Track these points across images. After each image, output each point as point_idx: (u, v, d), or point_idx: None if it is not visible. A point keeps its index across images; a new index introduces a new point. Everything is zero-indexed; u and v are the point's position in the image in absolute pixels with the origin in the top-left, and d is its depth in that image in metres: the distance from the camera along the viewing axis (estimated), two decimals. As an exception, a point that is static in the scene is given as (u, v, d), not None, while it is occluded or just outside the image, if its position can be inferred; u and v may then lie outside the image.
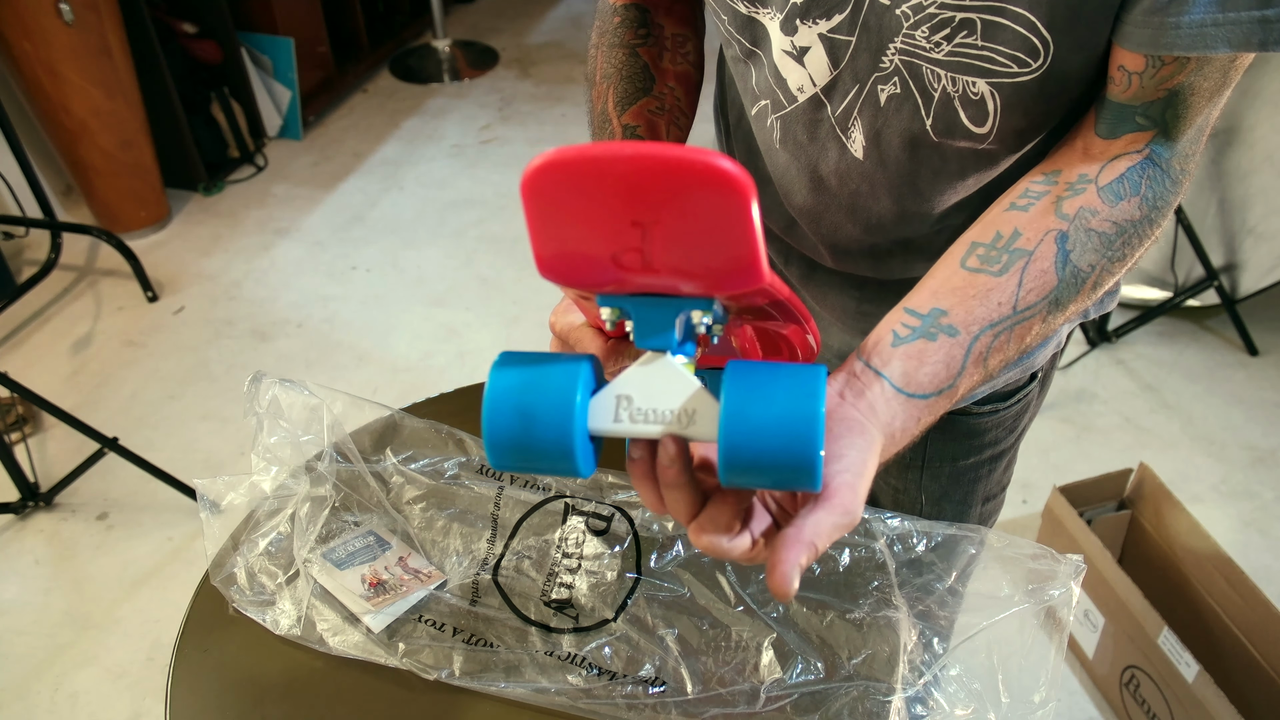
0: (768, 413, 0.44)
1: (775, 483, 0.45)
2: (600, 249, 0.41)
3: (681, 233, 0.40)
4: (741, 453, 0.44)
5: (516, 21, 3.85)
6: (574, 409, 0.44)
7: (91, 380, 2.17)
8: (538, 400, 0.45)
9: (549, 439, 0.45)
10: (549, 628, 0.74)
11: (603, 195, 0.39)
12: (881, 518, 0.75)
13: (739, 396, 0.44)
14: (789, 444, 0.43)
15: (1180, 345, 2.22)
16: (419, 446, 0.87)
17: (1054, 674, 0.64)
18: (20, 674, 1.60)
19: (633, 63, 0.75)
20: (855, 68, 0.62)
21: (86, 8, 2.24)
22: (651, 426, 0.46)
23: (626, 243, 0.41)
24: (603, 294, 0.46)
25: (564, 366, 0.46)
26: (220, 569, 0.77)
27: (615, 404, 0.46)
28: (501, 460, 0.46)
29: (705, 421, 0.46)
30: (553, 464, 0.46)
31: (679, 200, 0.38)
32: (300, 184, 2.86)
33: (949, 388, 0.55)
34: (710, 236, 0.40)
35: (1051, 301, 0.57)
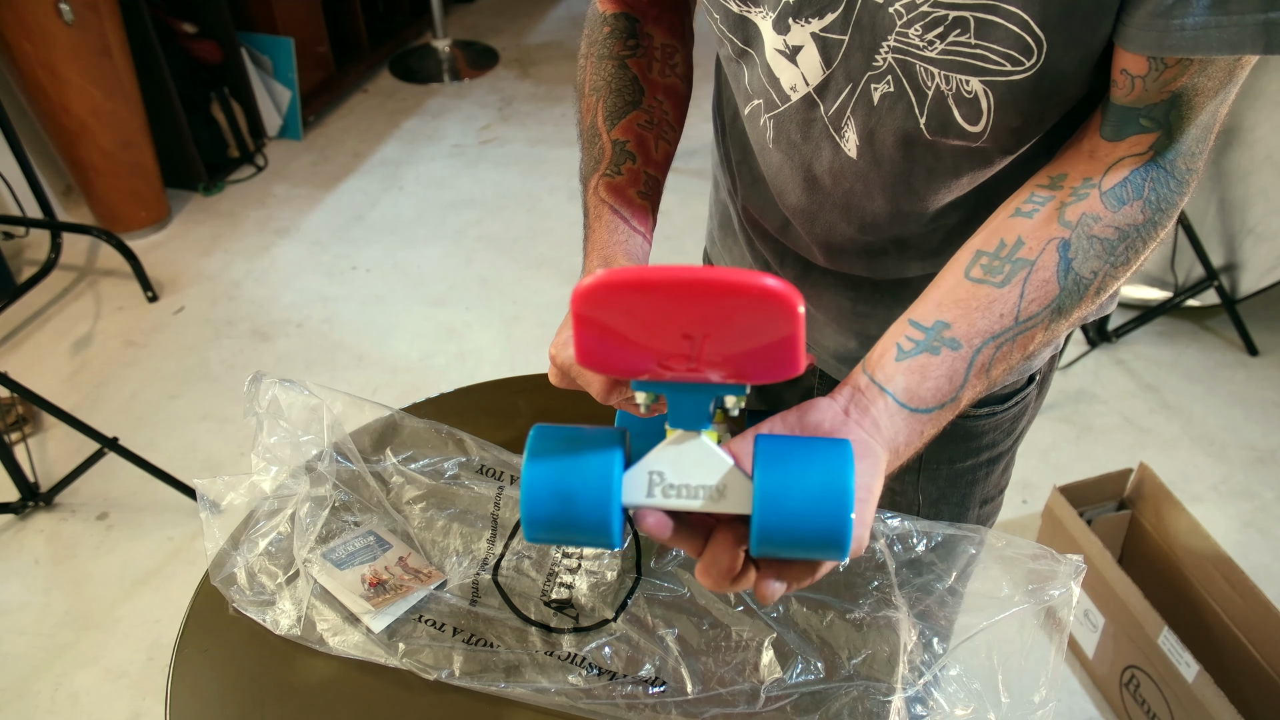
0: (800, 492, 0.46)
1: (804, 553, 0.48)
2: (647, 355, 0.44)
3: (730, 341, 0.42)
4: (775, 529, 0.46)
5: (516, 21, 3.85)
6: (612, 491, 0.47)
7: (91, 380, 2.17)
8: (576, 481, 0.47)
9: (587, 517, 0.47)
10: (549, 628, 0.74)
11: (655, 312, 0.41)
12: (881, 518, 0.74)
13: (771, 476, 0.46)
14: (821, 521, 0.46)
15: (1180, 345, 2.22)
16: (419, 446, 0.87)
17: (1054, 674, 0.64)
18: (20, 674, 1.60)
19: (622, 75, 0.75)
20: (848, 67, 0.62)
21: (86, 8, 2.24)
22: (685, 502, 0.48)
23: (675, 351, 0.43)
24: (640, 381, 0.49)
25: (599, 448, 0.48)
26: (220, 569, 0.77)
27: (648, 480, 0.48)
28: (537, 535, 0.48)
29: (737, 497, 0.48)
30: (589, 538, 0.48)
31: (731, 316, 0.41)
32: (300, 184, 2.86)
33: (952, 400, 0.56)
34: (758, 343, 0.42)
35: (1054, 310, 0.57)
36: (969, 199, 0.68)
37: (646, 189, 0.73)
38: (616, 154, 0.73)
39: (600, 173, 0.73)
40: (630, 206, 0.72)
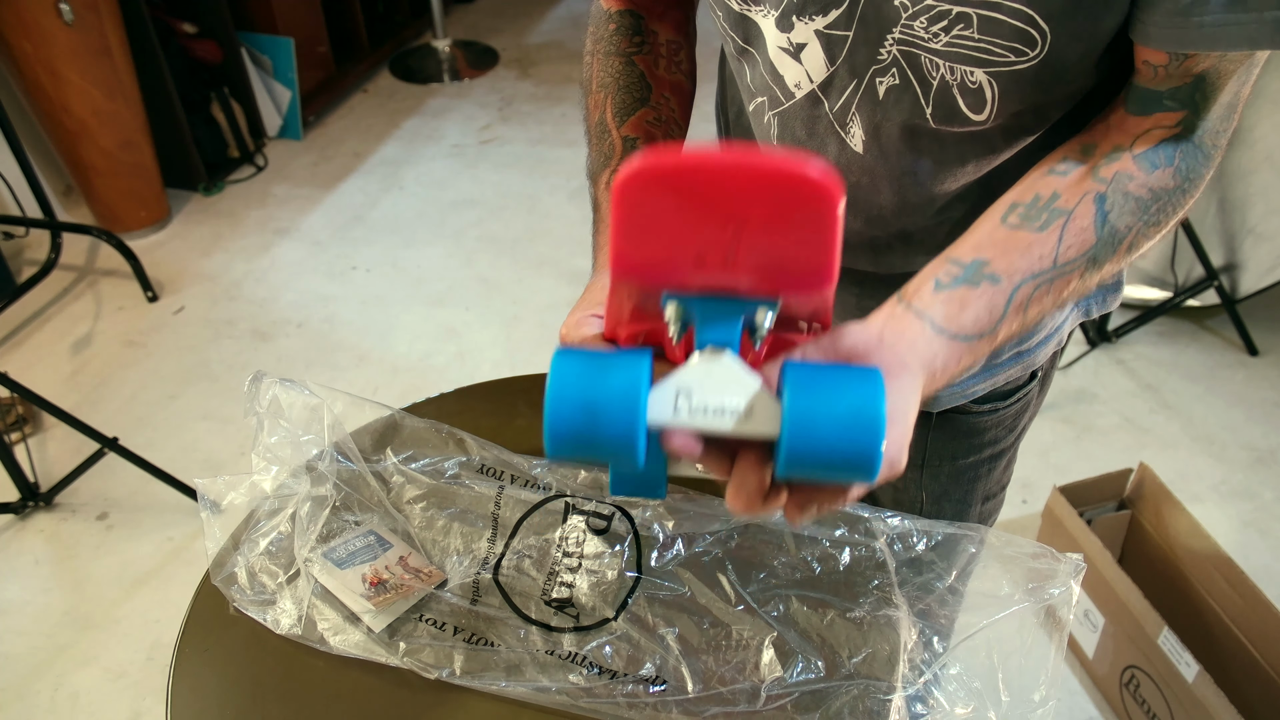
0: (830, 414, 0.44)
1: (832, 477, 0.46)
2: (685, 249, 0.43)
3: (769, 234, 0.42)
4: (803, 452, 0.45)
5: (516, 21, 3.85)
6: (638, 405, 0.45)
7: (91, 380, 2.17)
8: (601, 394, 0.45)
9: (611, 432, 0.45)
10: (549, 627, 0.74)
11: (696, 200, 0.40)
12: (881, 517, 0.75)
13: (802, 397, 0.45)
14: (851, 445, 0.44)
15: (1180, 345, 2.22)
16: (419, 446, 0.87)
17: (1054, 673, 0.64)
18: (20, 674, 1.60)
19: (629, 72, 0.76)
20: (853, 62, 0.62)
21: (86, 8, 2.24)
22: (712, 421, 0.46)
23: (713, 243, 0.42)
24: (671, 292, 0.47)
25: (627, 359, 0.46)
26: (221, 569, 0.77)
27: (675, 397, 0.46)
28: (559, 449, 0.46)
29: (765, 419, 0.46)
30: (613, 454, 0.46)
31: (772, 205, 0.40)
32: (300, 184, 2.86)
33: (990, 332, 0.56)
34: (796, 238, 0.42)
35: (1090, 259, 0.58)
36: (974, 190, 0.68)
37: None
38: (627, 150, 0.73)
39: (611, 168, 0.73)
40: None
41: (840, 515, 0.76)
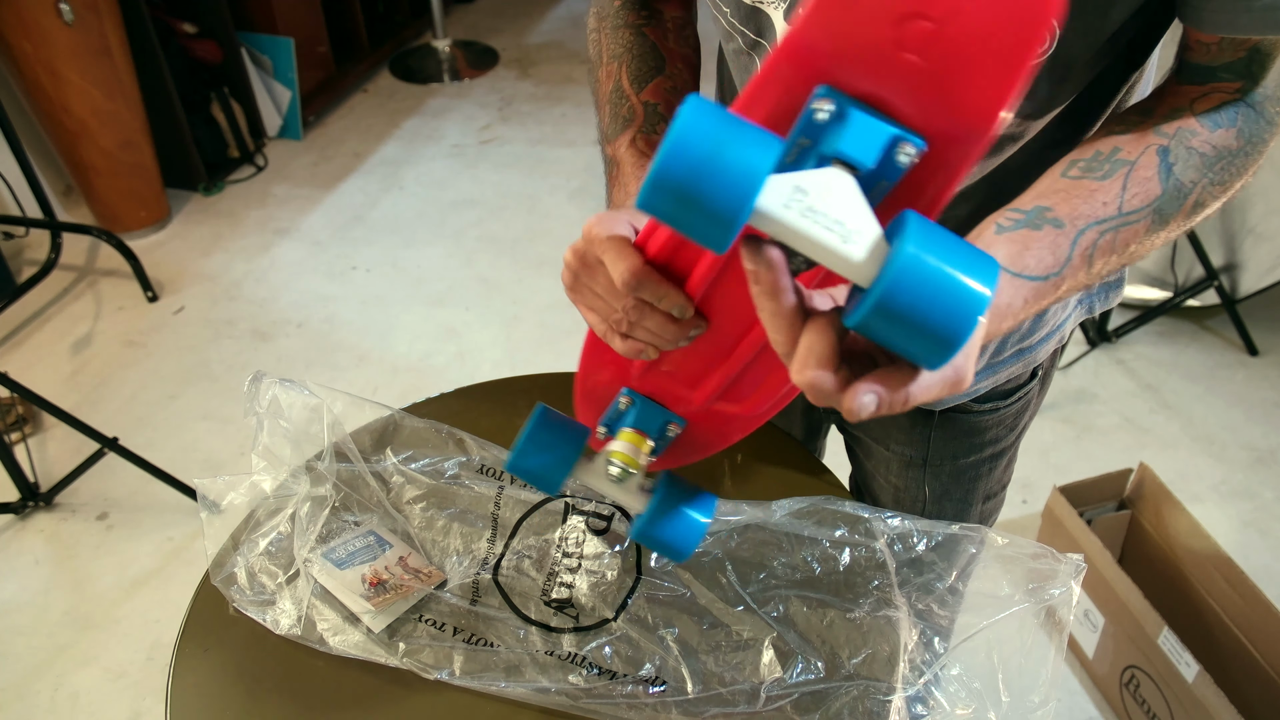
0: (939, 272, 0.41)
1: (903, 347, 0.43)
2: (886, 21, 0.41)
3: (964, 39, 0.40)
4: (898, 301, 0.41)
5: (516, 21, 3.85)
6: (762, 173, 0.41)
7: (91, 380, 2.17)
8: (729, 147, 0.41)
9: (723, 192, 0.41)
10: (549, 627, 0.74)
11: None
12: (882, 517, 0.75)
13: (919, 243, 0.41)
14: (947, 311, 0.41)
15: (1180, 345, 2.22)
16: (419, 446, 0.87)
17: (1054, 673, 0.64)
18: (20, 674, 1.60)
19: (641, 42, 0.75)
20: None
21: (86, 8, 2.24)
22: (818, 229, 0.42)
23: (911, 28, 0.41)
24: (834, 83, 0.44)
25: (762, 133, 0.42)
26: (220, 569, 0.77)
27: (791, 192, 0.43)
28: (654, 200, 0.42)
29: (867, 250, 0.42)
30: (708, 219, 0.42)
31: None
32: (300, 184, 2.86)
33: (1055, 274, 0.55)
34: (988, 57, 0.41)
35: (1155, 211, 0.57)
36: (978, 189, 0.68)
37: None
38: (649, 114, 0.73)
39: (635, 129, 0.72)
40: None
41: (840, 515, 0.76)
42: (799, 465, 0.88)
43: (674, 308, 0.58)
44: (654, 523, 0.66)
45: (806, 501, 0.77)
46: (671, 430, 0.69)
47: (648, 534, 0.66)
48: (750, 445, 0.90)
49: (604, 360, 0.68)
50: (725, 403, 0.68)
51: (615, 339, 0.61)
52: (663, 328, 0.59)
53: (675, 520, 0.67)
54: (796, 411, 0.96)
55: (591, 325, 0.62)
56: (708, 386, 0.66)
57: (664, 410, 0.69)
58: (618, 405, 0.69)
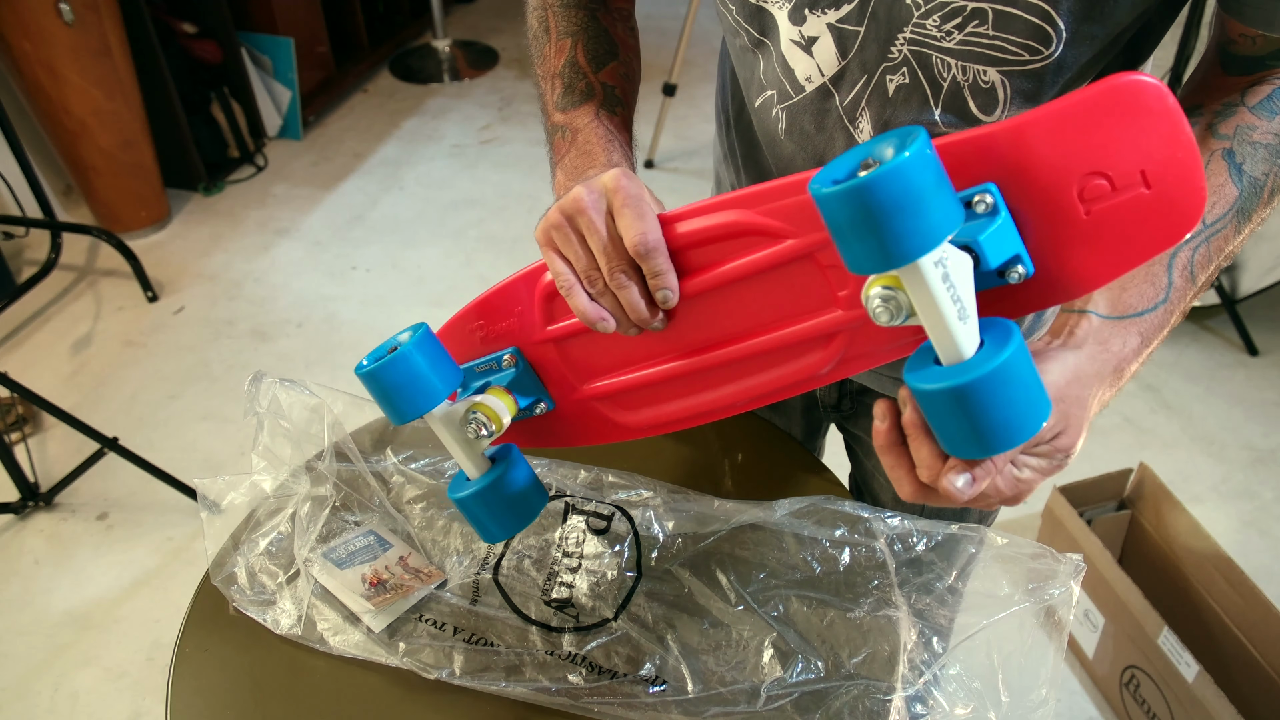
0: (1014, 395, 0.45)
1: (941, 426, 0.47)
2: (1078, 166, 0.46)
3: (1123, 214, 0.46)
4: (971, 396, 0.45)
5: (516, 21, 3.83)
6: (949, 231, 0.44)
7: (91, 380, 2.17)
8: (941, 195, 0.44)
9: (910, 233, 0.43)
10: (549, 627, 0.74)
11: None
12: (882, 517, 0.75)
13: (1016, 359, 0.45)
14: (998, 428, 0.46)
15: (1180, 345, 2.22)
16: (419, 446, 0.87)
17: (1054, 673, 0.64)
18: (20, 674, 1.60)
19: (595, 25, 0.75)
20: (863, 58, 0.62)
21: (86, 8, 2.24)
22: (944, 296, 0.45)
23: (1100, 176, 0.46)
24: (1001, 189, 0.48)
25: (955, 198, 0.46)
26: (220, 569, 0.77)
27: (941, 255, 0.45)
28: (846, 203, 0.43)
29: (969, 336, 0.46)
30: (871, 243, 0.43)
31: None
32: (300, 184, 2.86)
33: (1163, 303, 0.55)
34: (1124, 240, 0.46)
35: (1238, 211, 0.57)
36: None
37: (630, 142, 0.73)
38: (608, 97, 0.73)
39: (597, 105, 0.72)
40: (629, 149, 0.71)
41: (840, 515, 0.76)
42: (799, 465, 0.88)
43: (664, 289, 0.58)
44: (484, 496, 0.65)
45: (806, 501, 0.77)
46: (539, 408, 0.68)
47: (470, 505, 0.65)
48: (750, 445, 0.90)
49: (513, 310, 0.66)
50: (612, 406, 0.67)
51: (579, 296, 0.60)
52: (633, 306, 0.59)
53: (507, 501, 0.65)
54: (796, 411, 0.96)
55: (556, 275, 0.60)
56: (607, 385, 0.66)
57: (541, 386, 0.67)
58: (499, 359, 0.67)
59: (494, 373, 0.68)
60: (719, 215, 0.57)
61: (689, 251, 0.59)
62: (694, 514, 0.79)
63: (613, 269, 0.58)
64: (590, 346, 0.65)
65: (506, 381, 0.67)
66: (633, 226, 0.57)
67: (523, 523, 0.68)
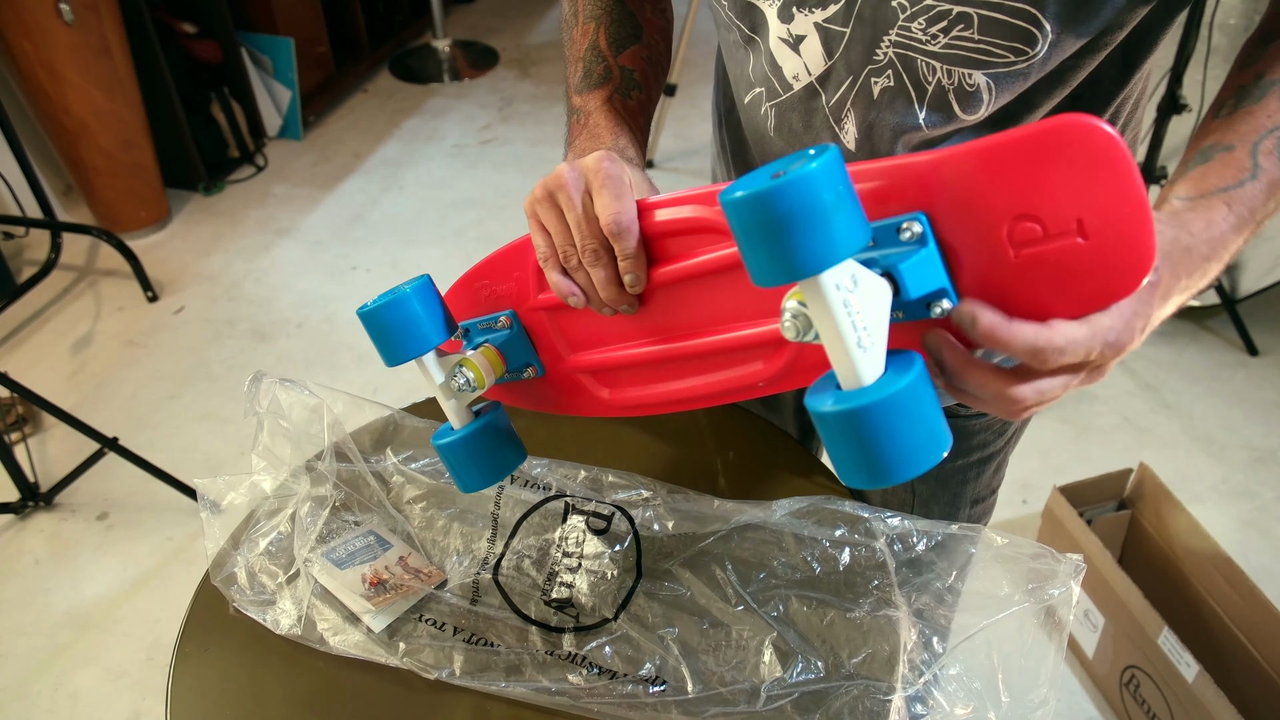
0: (910, 425, 0.44)
1: (836, 450, 0.46)
2: (1009, 209, 0.45)
3: (1056, 261, 0.44)
4: (863, 421, 0.44)
5: (516, 21, 3.85)
6: (855, 248, 0.43)
7: (91, 380, 2.17)
8: (844, 211, 0.43)
9: (811, 246, 0.42)
10: (549, 627, 0.74)
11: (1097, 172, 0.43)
12: (881, 517, 0.75)
13: (915, 389, 0.44)
14: (889, 456, 0.44)
15: (1180, 345, 2.22)
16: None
17: (1054, 673, 0.64)
18: (20, 674, 1.60)
19: (620, 8, 0.76)
20: (849, 59, 0.62)
21: (86, 8, 2.24)
22: (844, 321, 0.44)
23: (1031, 220, 0.44)
24: (930, 219, 0.47)
25: (864, 221, 0.44)
26: (220, 569, 0.77)
27: (848, 277, 0.44)
28: (748, 207, 0.43)
29: (869, 363, 0.45)
30: (774, 253, 0.43)
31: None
32: (300, 184, 2.86)
33: (1251, 179, 0.53)
34: (1062, 289, 0.45)
35: None
36: None
37: (646, 126, 0.73)
38: (626, 80, 0.73)
39: (613, 89, 0.72)
40: (641, 134, 0.71)
41: (840, 515, 0.76)
42: (798, 465, 0.88)
43: (631, 274, 0.58)
44: (465, 444, 0.67)
45: (806, 501, 0.77)
46: (528, 373, 0.71)
47: (452, 451, 0.67)
48: (749, 444, 0.90)
49: (513, 274, 0.69)
50: (596, 380, 0.69)
51: (554, 270, 0.61)
52: (604, 285, 0.60)
53: (483, 454, 0.68)
54: (789, 411, 0.96)
55: (536, 246, 0.62)
56: (591, 359, 0.67)
57: (533, 352, 0.70)
58: (496, 319, 0.69)
59: (491, 332, 0.70)
60: (689, 209, 0.58)
61: (664, 240, 0.59)
62: (694, 514, 0.79)
63: (585, 246, 0.59)
64: (576, 320, 0.67)
65: (500, 342, 0.70)
66: (609, 206, 0.58)
67: (497, 476, 0.70)
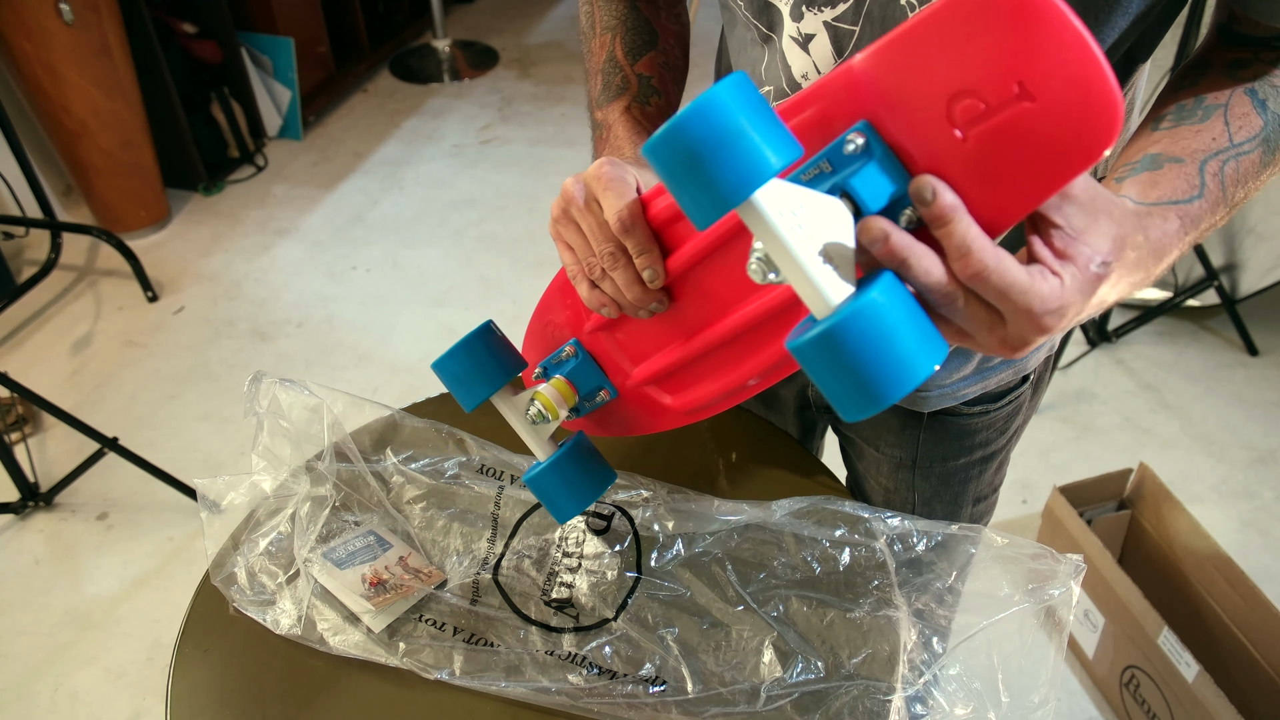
0: (892, 333, 0.41)
1: (829, 386, 0.43)
2: (944, 88, 0.42)
3: (1011, 134, 0.41)
4: (840, 343, 0.41)
5: (516, 21, 3.85)
6: (772, 168, 0.40)
7: (91, 380, 2.17)
8: (751, 132, 0.40)
9: (728, 171, 0.40)
10: (549, 627, 0.74)
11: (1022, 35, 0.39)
12: (881, 517, 0.75)
13: (886, 297, 0.41)
14: (883, 373, 0.41)
15: (1180, 345, 2.22)
16: (419, 446, 0.87)
17: (1054, 674, 0.64)
18: (20, 674, 1.60)
19: (635, 16, 0.76)
20: None
21: (86, 8, 2.24)
22: (799, 245, 0.42)
23: (970, 95, 0.41)
24: (875, 127, 0.45)
25: (788, 136, 0.42)
26: (220, 569, 0.77)
27: (792, 202, 0.42)
28: (663, 149, 0.41)
29: (835, 286, 0.42)
30: (700, 191, 0.41)
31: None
32: (300, 184, 2.86)
33: (1198, 197, 0.52)
34: (1027, 163, 0.41)
35: (1264, 141, 0.55)
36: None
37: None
38: (643, 87, 0.73)
39: (630, 98, 0.73)
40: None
41: (840, 515, 0.76)
42: (798, 465, 0.88)
43: (648, 268, 0.58)
44: (550, 475, 0.69)
45: (806, 501, 0.77)
46: (601, 396, 0.71)
47: (540, 483, 0.69)
48: (749, 444, 0.90)
49: (566, 303, 0.70)
50: (659, 389, 0.69)
51: (583, 284, 0.62)
52: (629, 286, 0.60)
53: (570, 480, 0.69)
54: (790, 411, 0.96)
55: (565, 264, 0.63)
56: (650, 366, 0.67)
57: (601, 374, 0.71)
58: (561, 352, 0.71)
59: (562, 365, 0.72)
60: None
61: (673, 226, 0.59)
62: (694, 514, 0.79)
63: (602, 251, 0.59)
64: (629, 333, 0.68)
65: (569, 371, 0.71)
66: (612, 207, 0.58)
67: (587, 500, 0.71)
